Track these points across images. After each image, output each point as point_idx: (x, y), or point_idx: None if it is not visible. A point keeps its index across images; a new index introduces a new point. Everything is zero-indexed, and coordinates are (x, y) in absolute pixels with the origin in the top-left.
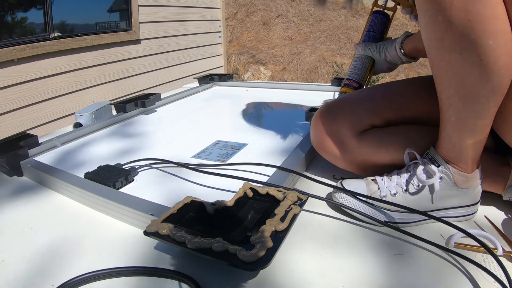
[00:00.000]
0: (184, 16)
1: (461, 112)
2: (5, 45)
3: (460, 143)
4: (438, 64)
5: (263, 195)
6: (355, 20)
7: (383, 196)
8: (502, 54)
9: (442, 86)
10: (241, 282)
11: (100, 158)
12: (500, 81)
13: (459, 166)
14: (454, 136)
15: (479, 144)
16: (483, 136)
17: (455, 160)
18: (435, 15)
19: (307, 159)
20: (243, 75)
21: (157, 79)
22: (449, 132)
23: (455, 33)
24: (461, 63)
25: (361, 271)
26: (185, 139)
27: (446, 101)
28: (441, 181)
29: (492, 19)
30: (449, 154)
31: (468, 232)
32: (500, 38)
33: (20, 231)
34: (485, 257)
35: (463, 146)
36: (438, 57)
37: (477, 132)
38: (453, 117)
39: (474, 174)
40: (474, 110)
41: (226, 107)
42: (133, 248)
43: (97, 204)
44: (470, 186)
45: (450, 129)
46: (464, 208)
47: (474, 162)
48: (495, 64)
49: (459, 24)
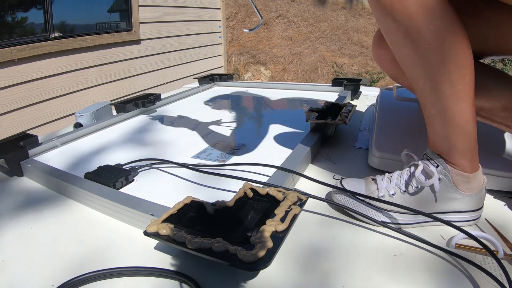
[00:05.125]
0: (184, 17)
1: (436, 103)
2: (5, 45)
3: (448, 135)
4: (402, 62)
5: (263, 195)
6: (355, 21)
7: (381, 196)
8: (445, 35)
9: (413, 81)
10: (241, 282)
11: (100, 158)
12: (454, 60)
13: (456, 163)
14: (439, 129)
15: (469, 135)
16: (469, 125)
17: (449, 156)
18: (384, 19)
19: (307, 159)
20: (243, 75)
21: (157, 79)
22: (435, 127)
23: (402, 28)
24: (416, 53)
25: (361, 271)
26: (185, 139)
27: (421, 95)
28: (440, 182)
29: (426, 7)
30: (442, 150)
31: (470, 233)
32: (439, 21)
33: (20, 231)
34: (485, 259)
35: (452, 139)
36: (399, 55)
37: (459, 120)
38: (432, 109)
39: (474, 175)
40: (447, 97)
41: (226, 108)
42: (133, 248)
43: (97, 204)
44: (472, 189)
45: (434, 123)
46: (466, 213)
47: (471, 159)
48: (442, 45)
49: (402, 19)
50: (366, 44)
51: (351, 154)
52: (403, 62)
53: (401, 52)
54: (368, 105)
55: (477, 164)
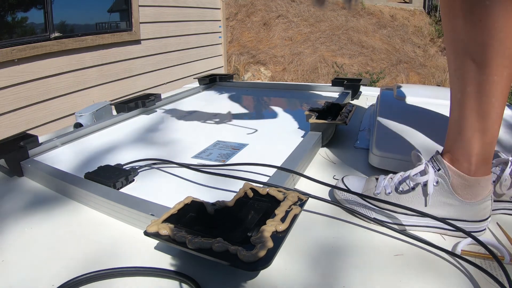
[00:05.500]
0: (184, 17)
1: (467, 86)
2: (5, 45)
3: (466, 127)
4: (447, 35)
5: (263, 195)
6: (355, 21)
7: (377, 193)
8: (499, 15)
9: (450, 58)
10: (241, 282)
11: (100, 158)
12: (498, 46)
13: (461, 163)
14: (460, 118)
15: (488, 136)
16: (492, 124)
17: (458, 153)
18: None
19: (307, 159)
20: (243, 75)
21: (158, 79)
22: (456, 115)
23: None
24: (464, 27)
25: (361, 271)
26: (185, 139)
27: (453, 75)
28: (437, 185)
29: None
30: (453, 145)
31: (477, 238)
32: None
33: (20, 231)
34: (489, 263)
35: (469, 132)
36: (446, 26)
37: (485, 115)
38: (458, 93)
39: (478, 180)
40: (480, 83)
41: (226, 107)
42: (133, 248)
43: (97, 204)
44: (473, 197)
45: (457, 110)
46: (465, 223)
47: (482, 162)
48: (493, 25)
49: None
50: (366, 44)
51: (351, 154)
52: (447, 36)
53: (448, 24)
54: (368, 105)
55: (487, 169)
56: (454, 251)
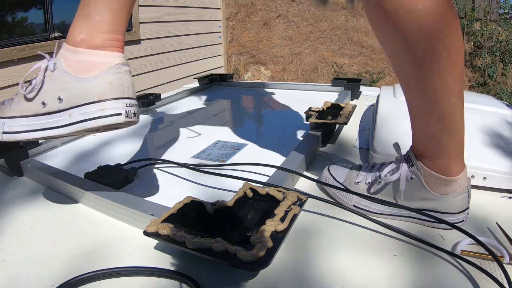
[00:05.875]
0: (184, 17)
1: (422, 96)
2: (5, 45)
3: (433, 132)
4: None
5: (263, 195)
6: (356, 21)
7: (357, 182)
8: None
9: (399, 70)
10: (241, 282)
11: (100, 158)
12: (444, 46)
13: (439, 164)
14: (424, 126)
15: (456, 134)
16: (456, 123)
17: (432, 156)
18: None
19: (307, 159)
20: (243, 75)
21: (157, 79)
22: (419, 122)
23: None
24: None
25: (361, 271)
26: (185, 139)
27: (407, 87)
28: (411, 182)
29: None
30: (425, 149)
31: (476, 238)
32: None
33: (20, 231)
34: (489, 263)
35: (437, 136)
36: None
37: (449, 117)
38: (417, 103)
39: (455, 179)
40: (435, 90)
41: (226, 107)
42: (133, 248)
43: (97, 204)
44: (448, 191)
45: (419, 118)
46: (446, 215)
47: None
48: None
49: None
50: (366, 44)
51: (351, 154)
52: (389, 49)
53: (387, 37)
54: (368, 105)
55: (461, 165)
56: (453, 251)
